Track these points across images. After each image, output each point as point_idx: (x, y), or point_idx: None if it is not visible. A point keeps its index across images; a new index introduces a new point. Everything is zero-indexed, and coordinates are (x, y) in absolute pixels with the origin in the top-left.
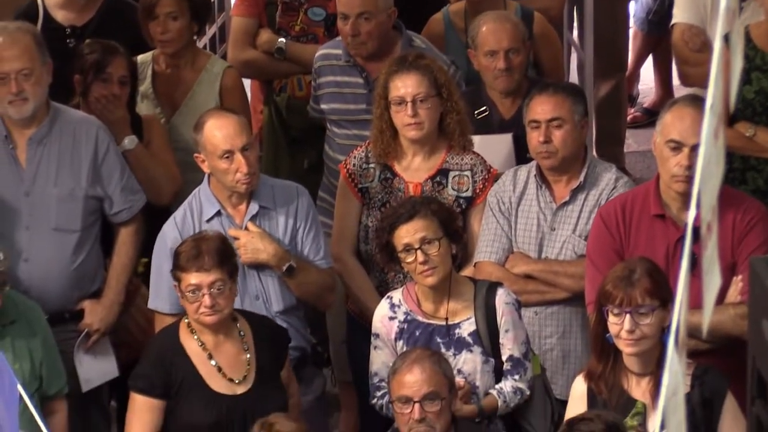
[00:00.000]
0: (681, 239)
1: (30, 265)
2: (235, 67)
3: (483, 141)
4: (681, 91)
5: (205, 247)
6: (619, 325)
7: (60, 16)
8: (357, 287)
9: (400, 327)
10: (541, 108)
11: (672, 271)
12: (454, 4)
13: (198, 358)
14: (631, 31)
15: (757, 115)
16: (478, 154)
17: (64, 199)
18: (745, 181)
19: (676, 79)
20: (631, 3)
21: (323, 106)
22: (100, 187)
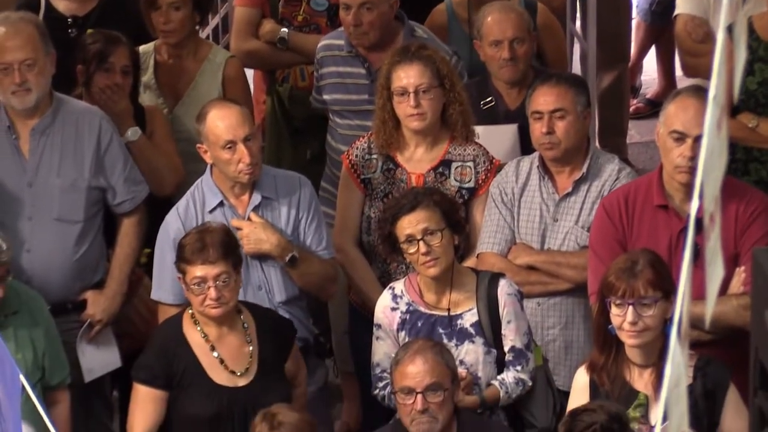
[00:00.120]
0: (684, 230)
1: (32, 255)
2: (237, 57)
3: (488, 131)
4: (684, 82)
5: (209, 239)
6: (621, 317)
7: (62, 6)
8: (359, 278)
9: (402, 318)
10: (543, 99)
11: (675, 262)
12: None
13: (200, 350)
14: (634, 22)
15: (760, 106)
16: (481, 145)
17: (66, 189)
18: (748, 172)
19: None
20: None
21: (325, 96)
22: (103, 178)
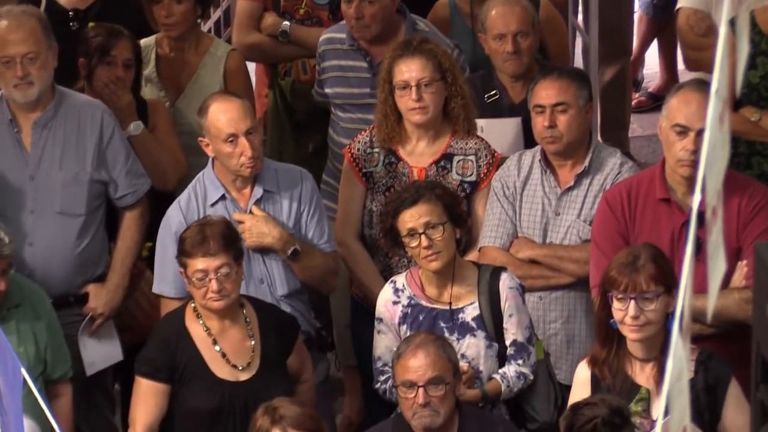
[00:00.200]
0: (686, 223)
1: (34, 248)
2: (239, 50)
3: (492, 124)
4: (686, 76)
5: (209, 232)
6: (623, 311)
7: None
8: (361, 272)
9: (404, 311)
10: (545, 93)
11: (677, 256)
12: None
13: (202, 343)
14: (636, 16)
15: (763, 99)
16: (482, 139)
17: (68, 183)
18: (751, 166)
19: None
20: None
21: (327, 90)
22: (105, 171)
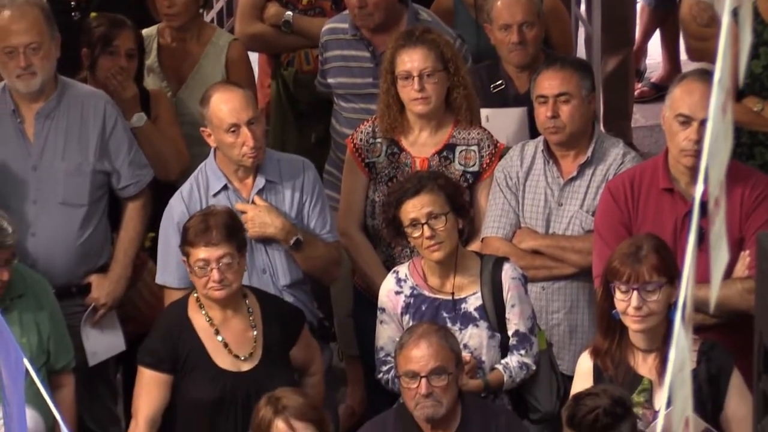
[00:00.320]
0: (689, 213)
1: (37, 239)
2: (242, 40)
3: (498, 114)
4: (688, 66)
5: (213, 221)
6: (626, 302)
7: None
8: (364, 262)
9: (407, 301)
10: (548, 83)
11: (680, 245)
12: None
13: (205, 334)
14: (639, 6)
15: (765, 90)
16: (485, 129)
17: (71, 173)
18: (753, 156)
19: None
20: None
21: (330, 80)
22: (108, 162)
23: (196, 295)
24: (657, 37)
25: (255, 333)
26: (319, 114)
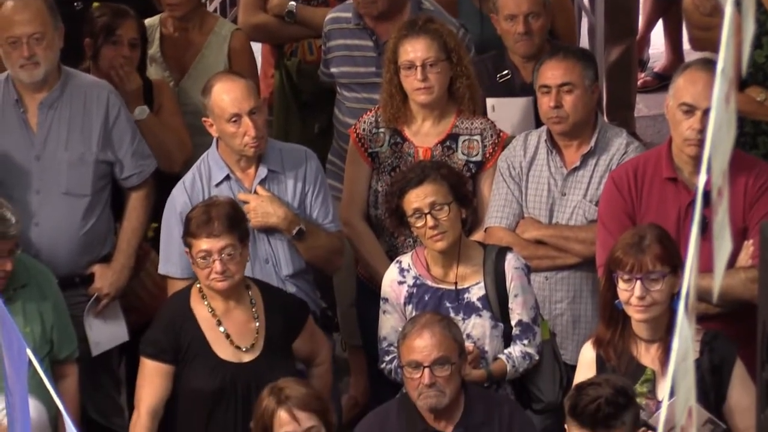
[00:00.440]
0: (692, 203)
1: (40, 229)
2: (245, 30)
3: (503, 104)
4: (691, 56)
5: (215, 212)
6: (629, 292)
7: None
8: (367, 252)
9: (410, 291)
10: (551, 73)
11: (683, 235)
12: None
13: (206, 324)
14: None
15: None
16: (488, 119)
17: (74, 163)
18: (756, 146)
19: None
20: None
21: (333, 69)
22: (111, 152)
23: (198, 285)
24: (660, 26)
25: (257, 324)
26: (322, 104)
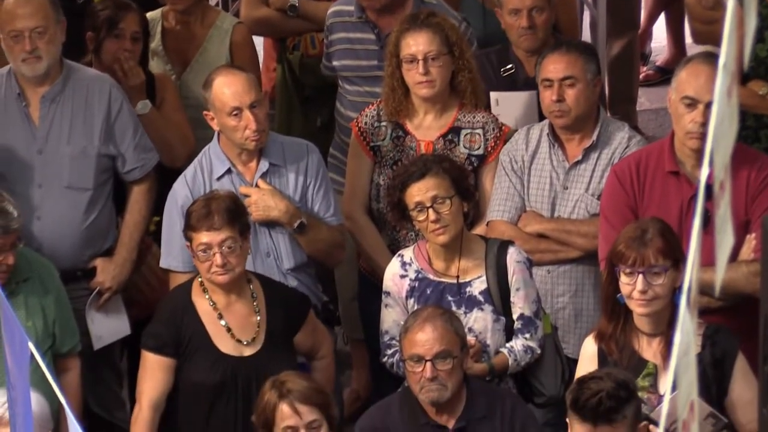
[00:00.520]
0: (695, 196)
1: (43, 223)
2: (247, 24)
3: (507, 98)
4: (693, 49)
5: (215, 206)
6: (631, 286)
7: None
8: (368, 245)
9: (411, 285)
10: (553, 67)
11: (685, 228)
12: None
13: (208, 318)
14: None
15: None
16: (490, 112)
17: (76, 157)
18: (759, 139)
19: (689, 37)
20: None
21: (335, 63)
22: (113, 145)
23: (199, 279)
24: (662, 20)
25: (258, 318)
26: (324, 98)
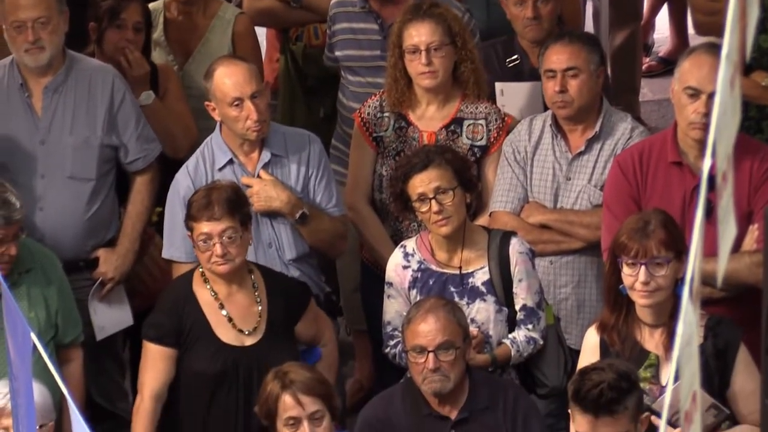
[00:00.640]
0: (698, 187)
1: (45, 213)
2: (250, 15)
3: (512, 88)
4: (696, 40)
5: (215, 196)
6: (633, 277)
7: None
8: (371, 236)
9: (414, 276)
10: (556, 57)
11: (688, 219)
12: None
13: (209, 308)
14: None
15: None
16: (493, 103)
17: (79, 147)
18: (761, 130)
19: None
20: None
21: (338, 53)
22: (116, 136)
23: (200, 269)
24: (665, 11)
25: (260, 308)
26: (327, 89)
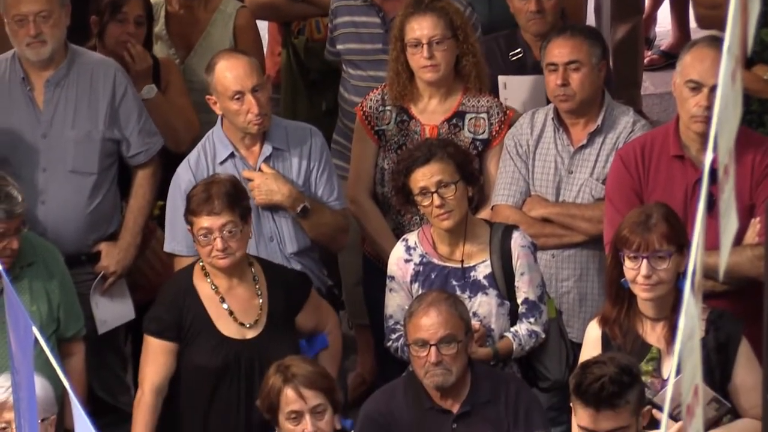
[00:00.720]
0: (700, 180)
1: (47, 207)
2: (252, 9)
3: (515, 81)
4: (698, 34)
5: (215, 190)
6: (635, 270)
7: None
8: (373, 229)
9: (416, 269)
10: (558, 51)
11: (690, 212)
12: None
13: (210, 301)
14: None
15: None
16: (495, 96)
17: (81, 141)
18: (763, 124)
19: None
20: None
21: (339, 46)
22: (118, 130)
23: (201, 263)
24: (666, 4)
25: (260, 301)
26: (329, 83)
